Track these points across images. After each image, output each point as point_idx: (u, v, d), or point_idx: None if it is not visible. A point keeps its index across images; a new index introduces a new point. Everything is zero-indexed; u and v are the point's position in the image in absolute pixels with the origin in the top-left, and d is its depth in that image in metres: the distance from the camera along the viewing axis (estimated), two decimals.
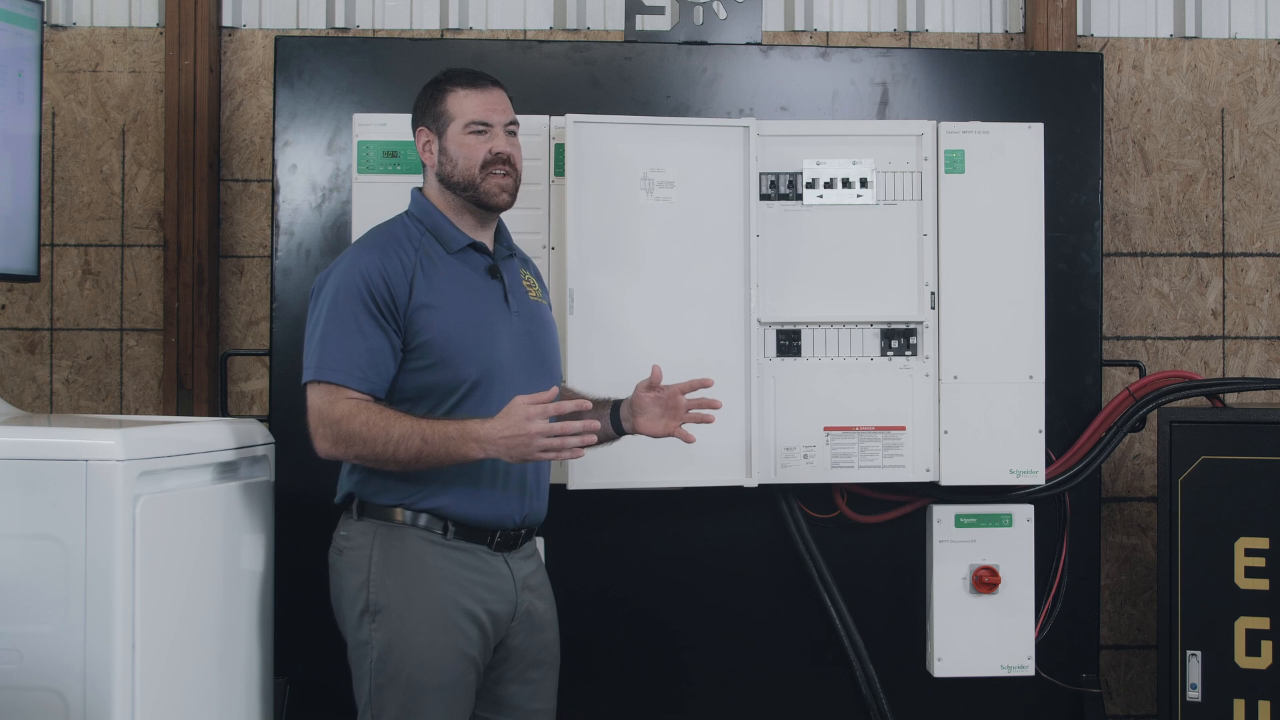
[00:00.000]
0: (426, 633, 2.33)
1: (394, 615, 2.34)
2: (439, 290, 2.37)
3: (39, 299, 3.76)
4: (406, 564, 2.35)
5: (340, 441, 2.29)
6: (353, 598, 2.38)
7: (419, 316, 2.34)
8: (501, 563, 2.42)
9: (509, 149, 2.44)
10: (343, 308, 2.32)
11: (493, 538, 2.40)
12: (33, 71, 3.01)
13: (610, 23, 3.78)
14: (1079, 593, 3.27)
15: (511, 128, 2.48)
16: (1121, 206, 3.81)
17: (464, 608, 2.36)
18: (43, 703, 2.18)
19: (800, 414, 3.06)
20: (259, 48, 3.76)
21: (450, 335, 2.35)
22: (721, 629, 3.23)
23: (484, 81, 2.47)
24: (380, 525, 2.38)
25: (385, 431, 2.26)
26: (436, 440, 2.26)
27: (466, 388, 2.36)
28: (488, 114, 2.44)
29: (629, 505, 3.11)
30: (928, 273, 3.09)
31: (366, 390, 2.31)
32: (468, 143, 2.42)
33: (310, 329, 2.38)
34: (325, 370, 2.31)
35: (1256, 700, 3.08)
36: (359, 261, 2.37)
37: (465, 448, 2.26)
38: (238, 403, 3.73)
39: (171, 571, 2.34)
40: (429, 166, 2.48)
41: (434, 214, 2.46)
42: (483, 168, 2.42)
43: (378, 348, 2.32)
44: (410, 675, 2.32)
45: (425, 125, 2.48)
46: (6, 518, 2.20)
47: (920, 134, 3.10)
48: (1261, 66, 3.85)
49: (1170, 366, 3.79)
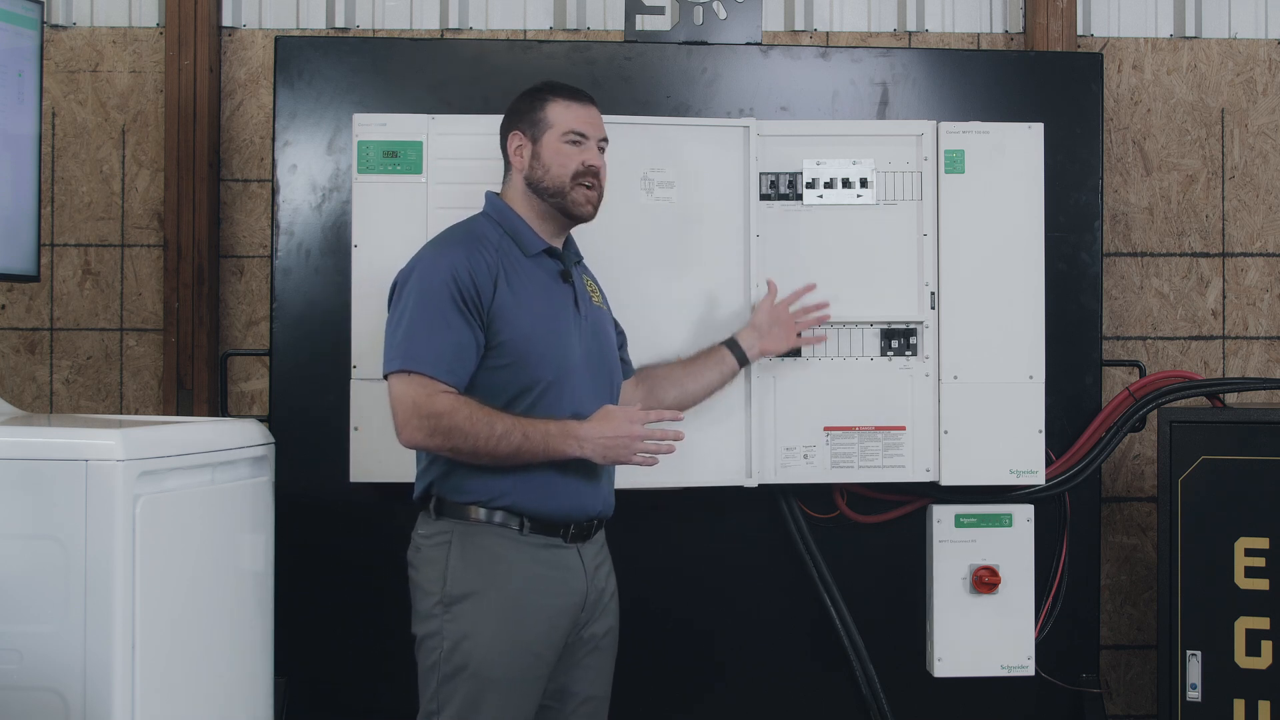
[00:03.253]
0: (499, 626, 2.37)
1: (469, 608, 2.38)
2: (518, 292, 2.42)
3: (39, 299, 3.76)
4: (482, 558, 2.39)
5: (439, 433, 2.33)
6: (427, 591, 2.42)
7: (500, 316, 2.39)
8: (575, 555, 2.47)
9: (599, 164, 2.51)
10: (430, 301, 2.36)
11: (567, 531, 2.45)
12: (33, 71, 3.01)
13: (610, 23, 3.78)
14: (1079, 593, 3.26)
15: (603, 144, 2.55)
16: (1121, 206, 3.81)
17: (538, 604, 2.40)
18: (43, 703, 2.18)
19: (800, 414, 3.06)
20: (259, 48, 3.76)
21: (528, 336, 2.40)
22: (721, 629, 3.23)
23: (584, 97, 2.54)
24: (458, 524, 2.42)
25: (489, 427, 2.32)
26: (537, 437, 2.34)
27: (541, 388, 2.40)
28: (586, 126, 2.50)
29: (629, 505, 3.10)
30: (928, 273, 3.09)
31: (452, 383, 2.35)
32: (564, 150, 2.48)
33: (395, 321, 2.41)
34: (414, 361, 2.34)
35: (1256, 700, 3.08)
36: (445, 258, 2.41)
37: (564, 444, 2.36)
38: (238, 403, 3.73)
39: (171, 571, 2.34)
40: (517, 170, 2.52)
41: (513, 217, 2.50)
42: (574, 177, 2.47)
43: (464, 342, 2.36)
44: (479, 667, 2.36)
45: (521, 129, 2.52)
46: (6, 518, 2.20)
47: (920, 134, 3.10)
48: (1261, 66, 3.85)
49: (1170, 366, 3.79)
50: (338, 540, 3.15)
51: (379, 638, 3.10)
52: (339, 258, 3.15)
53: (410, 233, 2.89)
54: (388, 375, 2.39)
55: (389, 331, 2.42)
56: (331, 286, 3.16)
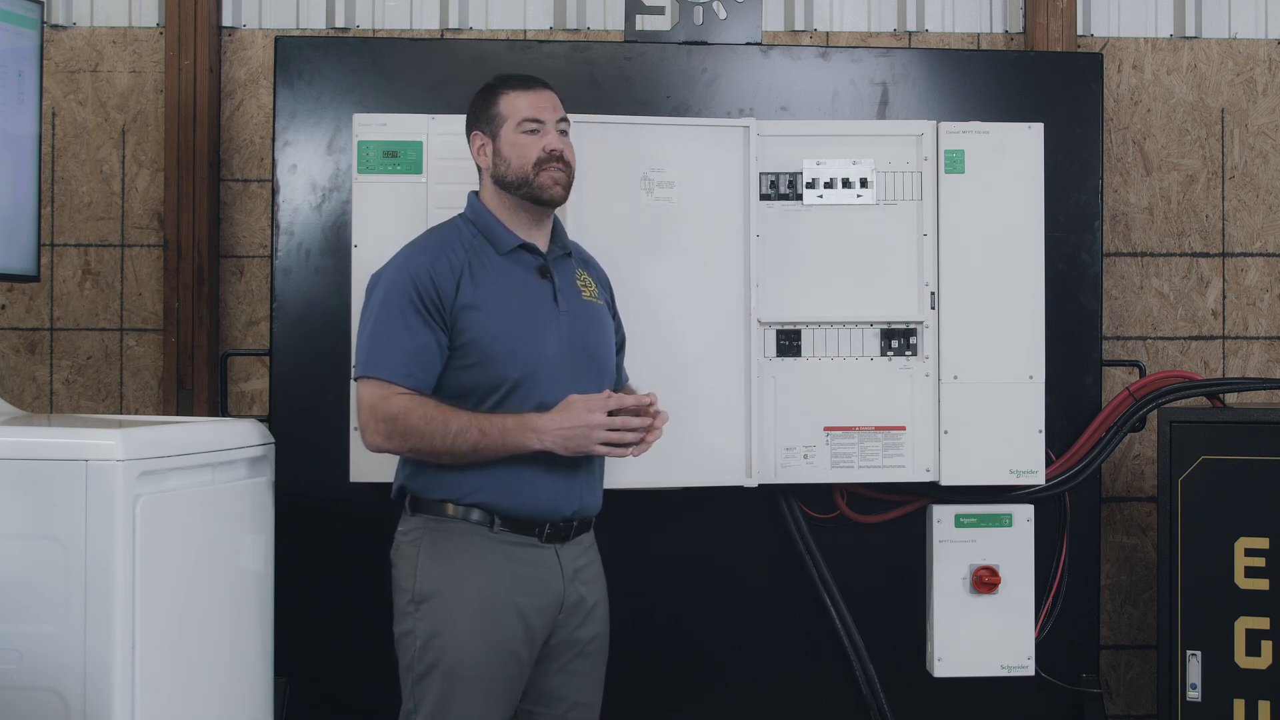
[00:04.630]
0: (469, 623, 2.36)
1: (438, 604, 2.37)
2: (485, 291, 2.42)
3: (39, 299, 3.76)
4: (454, 555, 2.39)
5: (395, 435, 2.34)
6: (402, 589, 2.43)
7: (463, 317, 2.39)
8: (551, 555, 2.44)
9: (561, 145, 2.49)
10: (392, 306, 2.38)
11: (542, 530, 2.43)
12: (33, 71, 3.01)
13: (610, 23, 3.78)
14: (1079, 593, 3.26)
15: (563, 125, 2.52)
16: (1121, 206, 3.81)
17: (509, 601, 2.39)
18: (43, 703, 2.18)
19: (800, 414, 3.06)
20: (259, 48, 3.76)
21: (494, 335, 2.39)
22: (721, 629, 3.23)
23: (534, 83, 2.53)
24: (431, 519, 2.42)
25: (444, 425, 2.32)
26: (494, 431, 2.33)
27: (509, 386, 2.40)
28: (539, 111, 2.48)
29: (629, 505, 3.11)
30: (928, 273, 3.09)
31: (412, 386, 2.36)
32: (521, 141, 2.47)
33: (361, 326, 2.44)
34: (373, 366, 2.37)
35: (1256, 700, 3.08)
36: (409, 262, 2.43)
37: (523, 437, 2.33)
38: (238, 403, 3.73)
39: (171, 571, 2.34)
40: (484, 170, 2.53)
41: (486, 216, 2.50)
42: (536, 164, 2.46)
43: (424, 345, 2.37)
44: (450, 665, 2.36)
45: (480, 129, 2.52)
46: (6, 518, 2.20)
47: (920, 134, 3.10)
48: (1261, 66, 3.85)
49: (1170, 366, 3.79)
50: (338, 540, 3.15)
51: (379, 638, 3.08)
52: (339, 258, 3.15)
53: (410, 233, 2.87)
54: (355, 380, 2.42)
55: (356, 337, 2.46)
56: (331, 286, 3.16)
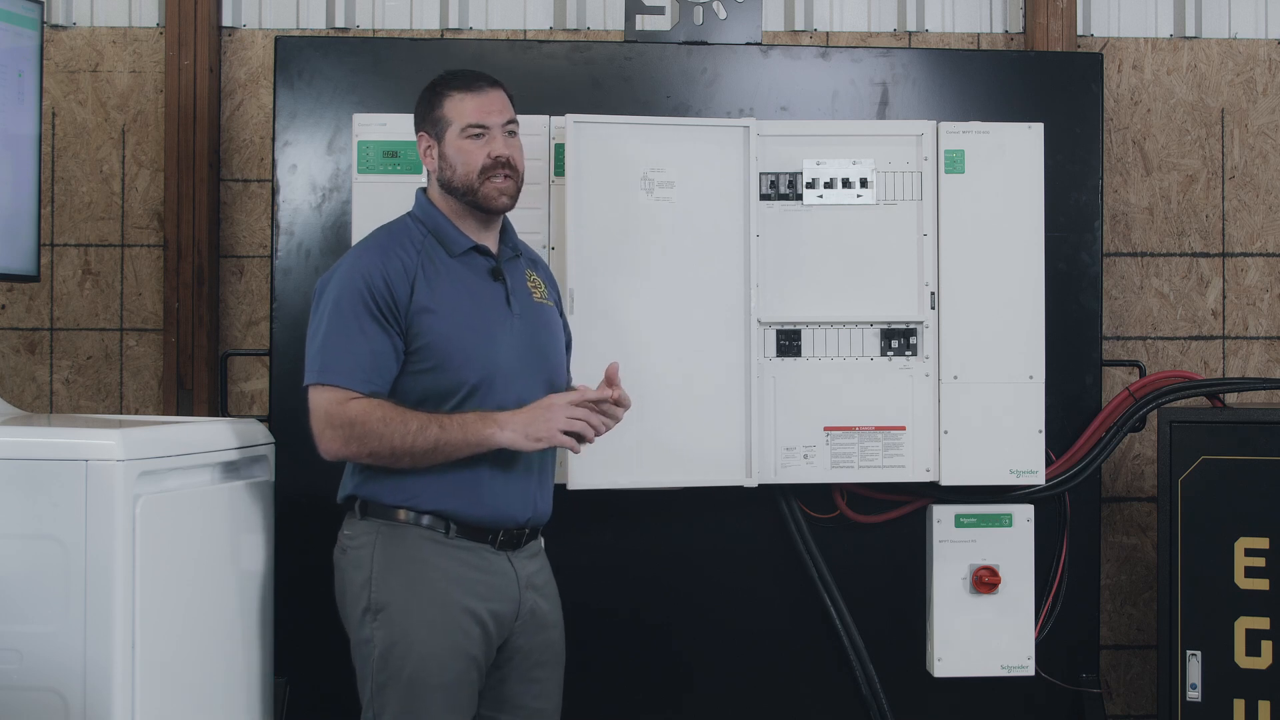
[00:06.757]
0: (427, 631, 2.33)
1: (395, 613, 2.34)
2: (439, 294, 2.37)
3: (39, 299, 3.76)
4: (408, 563, 2.35)
5: (354, 441, 2.29)
6: (355, 596, 2.39)
7: (419, 320, 2.34)
8: (505, 562, 2.42)
9: (508, 151, 2.42)
10: (345, 310, 2.33)
11: (495, 537, 2.40)
12: (33, 71, 3.01)
13: (610, 23, 3.78)
14: (1079, 593, 3.26)
15: (511, 127, 2.45)
16: (1121, 206, 3.81)
17: (465, 606, 2.36)
18: (43, 703, 2.18)
19: (800, 414, 3.06)
20: (259, 48, 3.76)
21: (450, 339, 2.35)
22: (721, 629, 3.23)
23: (480, 83, 2.45)
24: (383, 524, 2.38)
25: (403, 424, 2.28)
26: (454, 426, 2.30)
27: (466, 391, 2.36)
28: (484, 116, 2.41)
29: (628, 505, 3.11)
30: (928, 273, 3.09)
31: (369, 392, 2.31)
32: (465, 147, 2.40)
33: (313, 331, 2.38)
34: (328, 373, 2.31)
35: (1256, 700, 3.07)
36: (361, 263, 2.38)
37: (485, 428, 2.30)
38: (238, 403, 3.73)
39: (171, 571, 2.34)
40: (430, 172, 2.48)
41: (436, 216, 2.45)
42: (481, 172, 2.40)
43: (379, 349, 2.32)
44: (411, 674, 2.32)
45: (425, 130, 2.47)
46: (6, 518, 2.20)
47: (920, 134, 3.10)
48: (1261, 66, 3.85)
49: (1170, 366, 3.79)
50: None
51: None
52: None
53: None
54: (306, 387, 2.35)
55: (308, 342, 2.38)
56: None
